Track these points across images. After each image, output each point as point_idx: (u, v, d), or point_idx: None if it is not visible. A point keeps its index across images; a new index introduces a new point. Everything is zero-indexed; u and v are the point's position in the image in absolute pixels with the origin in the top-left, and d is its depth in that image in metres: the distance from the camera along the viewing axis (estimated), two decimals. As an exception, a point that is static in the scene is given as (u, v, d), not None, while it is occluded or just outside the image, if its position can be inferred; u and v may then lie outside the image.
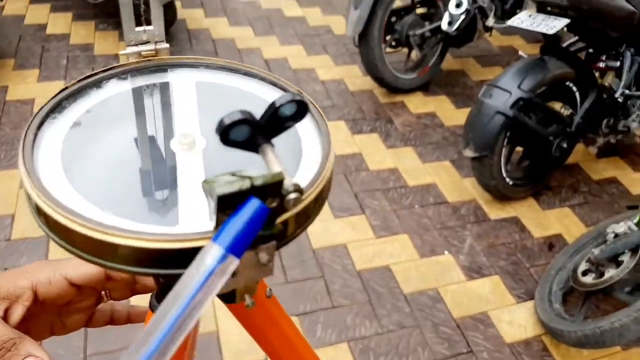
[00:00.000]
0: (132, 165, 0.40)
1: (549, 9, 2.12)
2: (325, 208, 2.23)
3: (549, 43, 2.22)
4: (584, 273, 1.78)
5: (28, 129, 0.39)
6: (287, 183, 0.31)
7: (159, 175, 0.40)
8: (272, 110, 0.32)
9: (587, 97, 2.26)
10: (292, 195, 0.31)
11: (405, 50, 2.95)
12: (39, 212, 0.35)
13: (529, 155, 2.36)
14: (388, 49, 2.84)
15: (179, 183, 0.38)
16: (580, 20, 2.06)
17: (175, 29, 3.34)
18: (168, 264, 0.32)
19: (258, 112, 0.33)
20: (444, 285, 1.97)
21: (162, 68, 0.48)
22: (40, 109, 0.41)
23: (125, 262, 0.33)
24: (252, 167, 0.32)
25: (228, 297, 0.47)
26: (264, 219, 0.30)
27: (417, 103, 2.96)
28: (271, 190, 0.30)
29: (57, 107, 0.42)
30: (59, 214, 0.33)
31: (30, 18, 3.39)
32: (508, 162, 2.27)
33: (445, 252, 2.11)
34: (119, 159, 0.40)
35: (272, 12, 3.73)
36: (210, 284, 0.29)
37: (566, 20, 2.03)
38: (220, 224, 0.30)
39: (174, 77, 0.47)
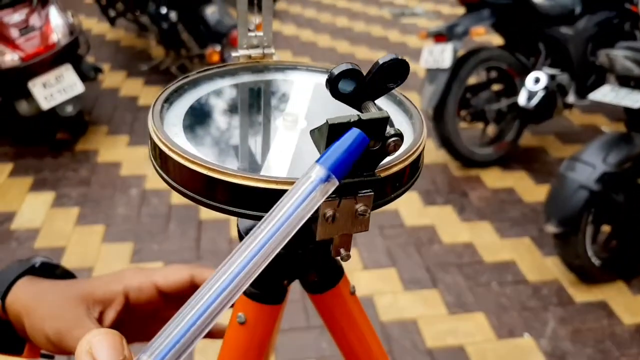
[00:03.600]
0: (237, 134, 0.46)
1: (632, 83, 2.05)
2: (394, 278, 2.16)
3: (634, 118, 2.13)
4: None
5: (157, 100, 0.44)
6: (389, 127, 0.33)
7: (258, 144, 0.45)
8: (376, 68, 0.35)
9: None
10: (393, 139, 0.33)
11: (481, 124, 2.93)
12: (159, 155, 0.38)
13: (618, 234, 2.20)
14: (462, 124, 2.83)
15: (271, 150, 0.42)
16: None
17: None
18: (264, 205, 0.33)
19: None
20: (523, 370, 1.81)
21: (283, 68, 0.54)
22: (166, 87, 0.46)
23: (224, 200, 0.36)
24: None
25: (314, 286, 0.49)
26: (364, 146, 0.31)
27: (494, 178, 2.88)
28: (375, 129, 0.32)
29: (178, 89, 0.48)
30: (174, 152, 0.37)
31: (125, 90, 3.70)
32: (594, 241, 2.12)
33: (525, 334, 1.95)
34: (227, 129, 0.46)
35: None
36: (311, 200, 0.29)
37: (653, 94, 1.95)
38: None
39: (295, 76, 0.53)
